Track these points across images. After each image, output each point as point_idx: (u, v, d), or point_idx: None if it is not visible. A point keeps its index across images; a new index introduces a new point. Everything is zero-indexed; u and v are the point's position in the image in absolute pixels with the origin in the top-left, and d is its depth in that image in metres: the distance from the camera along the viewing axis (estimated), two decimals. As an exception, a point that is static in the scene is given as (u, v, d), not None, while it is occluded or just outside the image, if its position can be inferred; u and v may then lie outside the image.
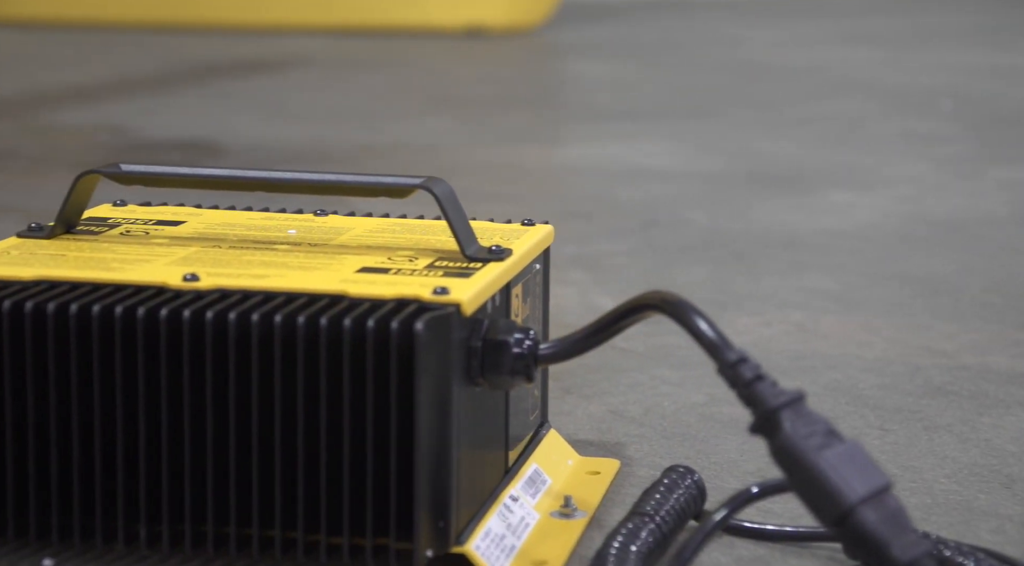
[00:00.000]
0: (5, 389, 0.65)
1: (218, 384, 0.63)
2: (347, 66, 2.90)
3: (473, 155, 1.89)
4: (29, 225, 0.75)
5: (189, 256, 0.71)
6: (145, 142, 1.92)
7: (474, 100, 2.46)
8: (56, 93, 2.42)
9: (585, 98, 2.53)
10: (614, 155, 1.87)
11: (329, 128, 2.11)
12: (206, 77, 2.69)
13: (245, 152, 1.85)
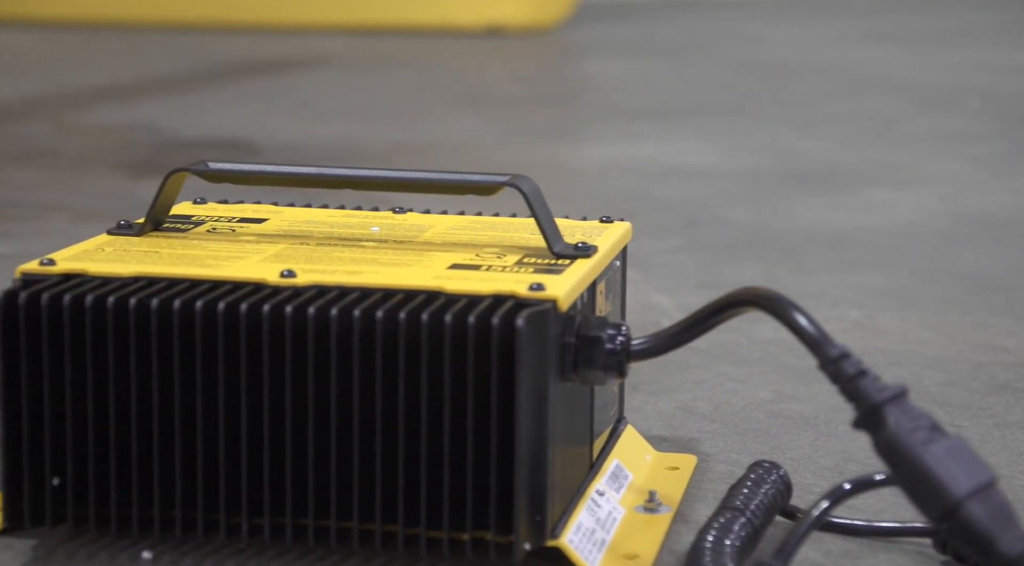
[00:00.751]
0: (109, 384, 0.66)
1: (319, 379, 0.64)
2: (371, 65, 2.90)
3: (507, 154, 1.89)
4: (118, 223, 0.76)
5: (280, 253, 0.71)
6: (182, 141, 1.93)
7: (501, 99, 2.46)
8: (87, 93, 2.43)
9: (611, 97, 2.54)
10: (648, 153, 1.87)
11: (360, 127, 2.11)
12: (232, 76, 2.70)
13: (281, 151, 1.85)
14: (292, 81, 2.65)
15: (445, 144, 1.96)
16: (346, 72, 2.80)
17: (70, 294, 0.65)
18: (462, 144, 1.96)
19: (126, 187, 1.60)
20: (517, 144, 1.99)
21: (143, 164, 1.76)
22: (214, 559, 0.67)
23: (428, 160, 1.86)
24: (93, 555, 0.68)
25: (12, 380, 0.66)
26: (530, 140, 2.04)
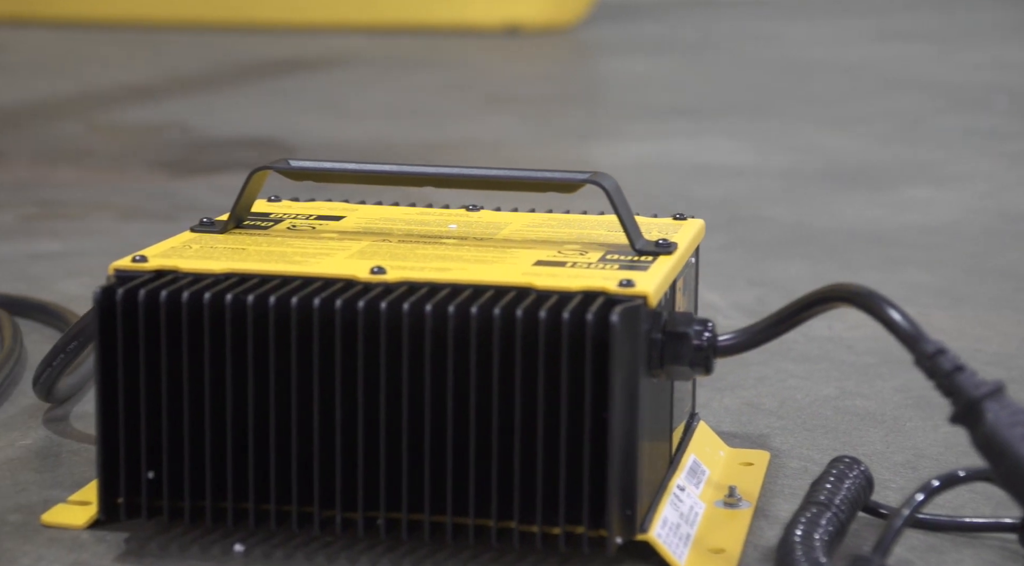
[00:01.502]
0: (204, 378, 0.66)
1: (413, 375, 0.65)
2: (393, 64, 2.91)
3: (541, 152, 1.90)
4: (201, 220, 0.77)
5: (364, 250, 0.72)
6: (215, 140, 1.93)
7: (527, 98, 2.47)
8: (115, 92, 2.44)
9: (636, 95, 2.54)
10: (681, 152, 1.88)
11: (390, 126, 2.12)
12: (255, 75, 2.70)
13: (316, 150, 1.86)
14: (316, 80, 2.66)
15: (479, 143, 1.97)
16: (369, 71, 2.81)
17: (166, 290, 0.66)
18: (495, 143, 1.97)
19: (166, 185, 1.61)
20: (550, 142, 1.99)
21: (179, 163, 1.77)
22: (304, 552, 0.68)
23: (464, 159, 1.86)
24: (185, 548, 0.69)
25: (109, 375, 0.67)
26: (562, 138, 2.04)
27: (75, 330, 0.81)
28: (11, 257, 1.26)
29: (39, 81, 2.56)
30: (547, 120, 2.21)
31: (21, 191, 1.56)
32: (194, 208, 1.47)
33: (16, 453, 0.81)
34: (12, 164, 1.73)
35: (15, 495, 0.75)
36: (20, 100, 2.31)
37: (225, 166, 1.74)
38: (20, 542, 0.69)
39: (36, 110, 2.21)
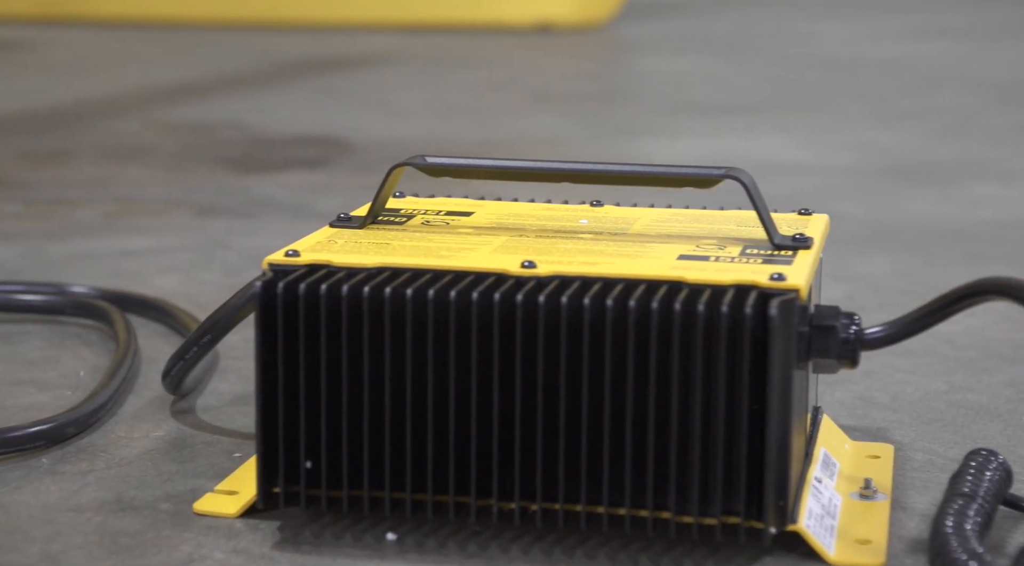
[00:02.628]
0: (363, 370, 0.67)
1: (571, 367, 0.66)
2: (430, 62, 2.92)
3: (598, 149, 1.91)
4: (338, 215, 0.78)
5: (506, 245, 0.73)
6: (273, 138, 1.95)
7: (571, 95, 2.48)
8: (164, 90, 2.45)
9: (679, 92, 2.55)
10: (739, 148, 1.89)
11: (442, 124, 2.13)
12: (298, 73, 2.72)
13: (373, 148, 1.87)
14: (358, 78, 2.67)
15: (534, 140, 1.98)
16: (408, 69, 2.82)
17: (326, 284, 0.68)
18: (551, 140, 1.98)
19: (235, 183, 1.62)
20: (604, 139, 2.00)
21: (242, 160, 1.78)
22: (456, 541, 0.69)
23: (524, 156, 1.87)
24: (338, 537, 0.70)
25: (268, 367, 0.68)
26: (615, 135, 2.05)
27: (209, 323, 0.82)
28: (102, 253, 1.27)
29: (84, 80, 2.57)
30: (595, 117, 2.22)
31: (96, 189, 1.57)
32: (270, 205, 1.49)
33: (152, 444, 0.82)
34: (80, 162, 1.75)
35: (162, 485, 0.76)
36: (72, 99, 2.32)
37: (289, 164, 1.75)
38: (178, 530, 0.71)
39: (88, 108, 2.22)
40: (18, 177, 1.64)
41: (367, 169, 1.72)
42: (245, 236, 1.35)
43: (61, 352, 0.99)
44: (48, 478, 0.77)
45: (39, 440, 0.80)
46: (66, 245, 1.30)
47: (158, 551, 0.68)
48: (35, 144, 1.87)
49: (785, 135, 1.99)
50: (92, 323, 1.05)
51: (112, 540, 0.69)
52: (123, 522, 0.72)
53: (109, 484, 0.76)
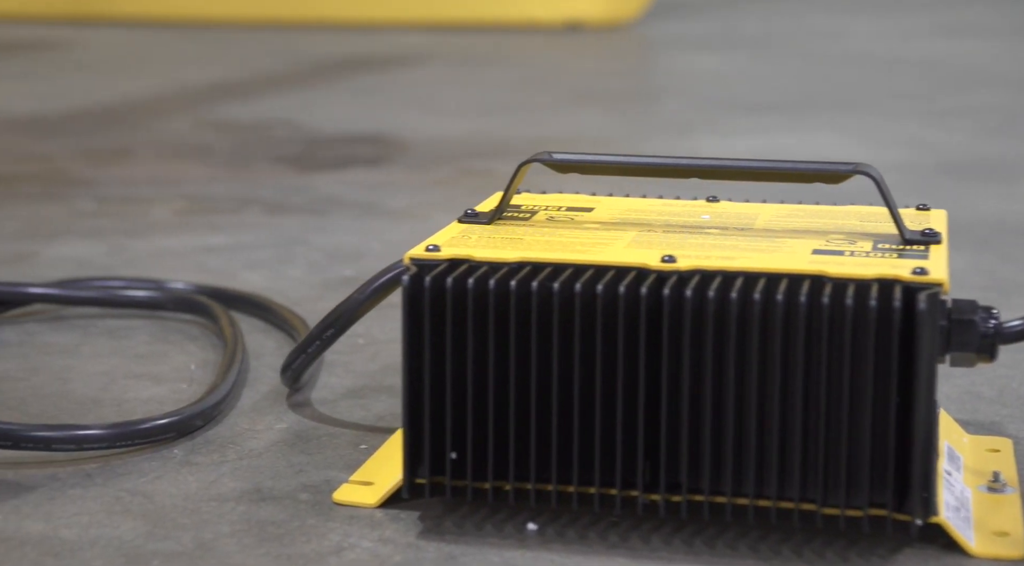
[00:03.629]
0: (509, 363, 0.69)
1: (717, 361, 0.67)
2: (465, 61, 2.93)
3: (653, 147, 1.92)
4: (465, 211, 0.79)
5: (638, 239, 0.74)
6: (327, 136, 1.96)
7: (610, 93, 2.49)
8: (208, 90, 2.46)
9: (718, 90, 2.56)
10: (789, 146, 1.90)
11: (489, 122, 2.14)
12: (337, 72, 2.73)
13: (427, 146, 1.88)
14: (396, 77, 2.68)
15: (585, 138, 1.99)
16: (444, 68, 2.83)
17: (472, 278, 0.69)
18: (602, 138, 1.99)
19: (298, 181, 1.63)
20: (655, 137, 2.01)
21: (300, 159, 1.79)
22: (595, 531, 0.71)
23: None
24: (479, 527, 0.71)
25: (415, 359, 0.70)
26: (664, 133, 2.06)
27: (332, 317, 0.84)
28: (184, 250, 1.29)
29: (127, 79, 2.58)
30: (640, 115, 2.23)
31: (163, 187, 1.59)
32: (338, 203, 1.50)
33: (278, 436, 0.84)
34: (142, 160, 1.76)
35: (296, 476, 0.78)
36: (118, 98, 2.33)
37: (347, 162, 1.76)
38: (321, 520, 0.72)
39: (137, 107, 2.24)
40: (84, 175, 1.65)
41: (425, 166, 1.73)
42: (320, 233, 1.36)
43: (167, 347, 1.00)
44: (184, 469, 0.78)
45: (169, 432, 0.81)
46: (147, 242, 1.32)
47: (307, 540, 0.70)
48: (93, 142, 1.88)
49: (834, 133, 2.00)
50: (191, 318, 1.07)
51: (260, 529, 0.71)
52: (266, 511, 0.73)
53: (245, 475, 0.78)
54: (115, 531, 0.70)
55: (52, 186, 1.58)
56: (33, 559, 0.67)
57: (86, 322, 1.06)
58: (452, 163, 1.76)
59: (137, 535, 0.70)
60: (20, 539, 0.69)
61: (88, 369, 0.95)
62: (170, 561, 0.67)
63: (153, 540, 0.69)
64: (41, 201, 1.50)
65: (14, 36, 3.29)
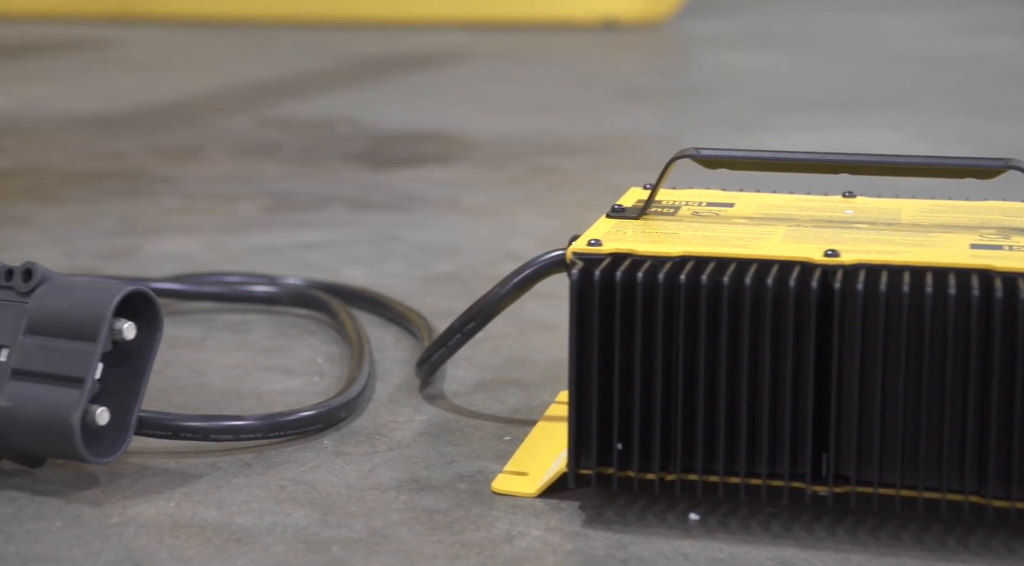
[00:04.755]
0: (677, 356, 0.70)
1: (889, 354, 0.68)
2: (508, 60, 2.95)
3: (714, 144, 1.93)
4: (612, 207, 0.81)
5: (791, 234, 0.76)
6: (391, 134, 1.97)
7: (657, 91, 2.50)
8: (263, 88, 2.48)
9: (765, 88, 2.57)
10: (848, 142, 1.91)
11: (546, 120, 2.15)
12: (386, 71, 2.74)
13: (492, 143, 1.90)
14: (444, 75, 2.70)
15: (646, 136, 2.00)
16: (488, 66, 2.85)
17: (640, 271, 0.70)
18: (662, 136, 2.00)
19: (373, 178, 1.65)
20: (714, 134, 2.02)
21: (370, 156, 1.80)
22: (757, 521, 0.72)
23: (640, 151, 1.90)
24: (641, 516, 0.73)
25: (583, 351, 0.71)
26: (722, 131, 2.07)
27: (473, 311, 0.85)
28: (282, 246, 1.30)
29: (180, 78, 2.60)
30: (692, 113, 2.24)
31: (243, 183, 1.60)
32: (420, 200, 1.51)
33: (421, 428, 0.85)
34: (214, 158, 1.78)
35: (448, 466, 0.79)
36: (177, 97, 2.35)
37: (418, 159, 1.78)
38: (485, 509, 0.74)
39: (194, 106, 2.25)
40: (162, 172, 1.67)
41: (495, 164, 1.75)
42: (410, 229, 1.38)
43: (289, 341, 1.02)
44: (339, 459, 0.80)
45: (318, 423, 0.82)
46: (243, 238, 1.33)
47: (476, 529, 0.71)
48: (162, 140, 1.90)
49: (891, 129, 2.01)
50: (305, 313, 1.08)
51: (427, 517, 0.72)
52: (429, 501, 0.74)
53: (399, 465, 0.79)
54: (288, 518, 0.72)
55: (135, 183, 1.60)
56: (216, 545, 0.69)
57: (204, 317, 1.07)
58: (520, 160, 1.77)
59: (311, 522, 0.71)
60: (199, 525, 0.71)
61: (219, 362, 0.97)
62: (348, 547, 0.69)
63: (327, 527, 0.71)
64: (128, 198, 1.51)
65: (56, 35, 3.31)
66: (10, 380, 0.73)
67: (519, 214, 1.47)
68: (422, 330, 1.00)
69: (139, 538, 0.69)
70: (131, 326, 0.74)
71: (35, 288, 0.75)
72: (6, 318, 0.75)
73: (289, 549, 0.69)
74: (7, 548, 0.68)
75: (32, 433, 0.72)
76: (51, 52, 3.00)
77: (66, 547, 0.68)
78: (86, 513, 0.72)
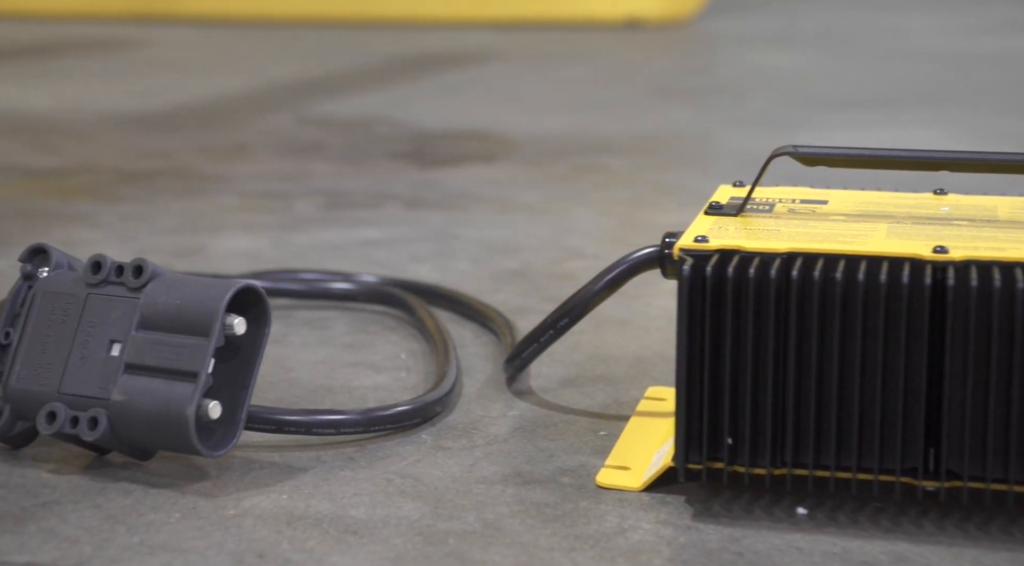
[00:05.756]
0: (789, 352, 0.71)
1: (1002, 350, 0.69)
2: (537, 58, 2.95)
3: (751, 142, 1.93)
4: (710, 204, 0.81)
5: (894, 231, 0.76)
6: (431, 133, 1.98)
7: (691, 89, 2.51)
8: (296, 87, 2.49)
9: (798, 87, 2.57)
10: (889, 141, 1.92)
11: (582, 118, 2.16)
12: (416, 69, 2.75)
13: (535, 142, 1.90)
14: (475, 74, 2.70)
15: (686, 134, 2.01)
16: (517, 65, 2.85)
17: (752, 267, 0.71)
18: (702, 134, 2.01)
19: (423, 176, 1.66)
20: (754, 133, 2.02)
21: (415, 155, 1.81)
22: (865, 515, 0.72)
23: (682, 150, 1.91)
24: (748, 510, 0.73)
25: (692, 347, 0.72)
26: (761, 129, 2.07)
27: (567, 307, 0.85)
28: (344, 243, 1.31)
29: (216, 77, 2.61)
30: (729, 111, 2.25)
31: (293, 182, 1.61)
32: (474, 198, 1.52)
33: (515, 423, 0.86)
34: (262, 156, 1.78)
35: (548, 460, 0.80)
36: (214, 96, 2.35)
37: (463, 158, 1.79)
38: (592, 502, 0.74)
39: (233, 105, 2.26)
40: (212, 171, 1.68)
41: (540, 162, 1.75)
42: (467, 227, 1.38)
43: (369, 337, 1.02)
44: (439, 453, 0.81)
45: (415, 417, 0.83)
46: (305, 235, 1.34)
47: (587, 522, 0.72)
48: (205, 139, 1.91)
49: (931, 128, 2.01)
50: (381, 309, 1.09)
51: (537, 510, 0.73)
52: (536, 494, 0.75)
53: (499, 459, 0.80)
54: (400, 511, 0.72)
55: (186, 182, 1.60)
56: (335, 536, 0.69)
57: (283, 313, 1.08)
58: (564, 159, 1.78)
59: (423, 515, 0.72)
60: (313, 517, 0.71)
61: (304, 358, 0.97)
62: (464, 540, 0.69)
63: (440, 520, 0.72)
64: (183, 196, 1.52)
65: (82, 35, 3.32)
66: (124, 374, 0.74)
67: (572, 212, 1.48)
68: (501, 327, 1.01)
69: (258, 530, 0.70)
70: (241, 321, 0.74)
71: (145, 284, 0.76)
72: (117, 313, 0.75)
73: (407, 541, 0.69)
74: (130, 538, 0.69)
75: (146, 426, 0.73)
76: (80, 51, 3.00)
77: (188, 538, 0.69)
78: (201, 505, 0.72)
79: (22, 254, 0.79)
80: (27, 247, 0.79)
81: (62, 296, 0.77)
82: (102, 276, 0.77)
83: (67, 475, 0.76)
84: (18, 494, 0.74)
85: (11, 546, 0.68)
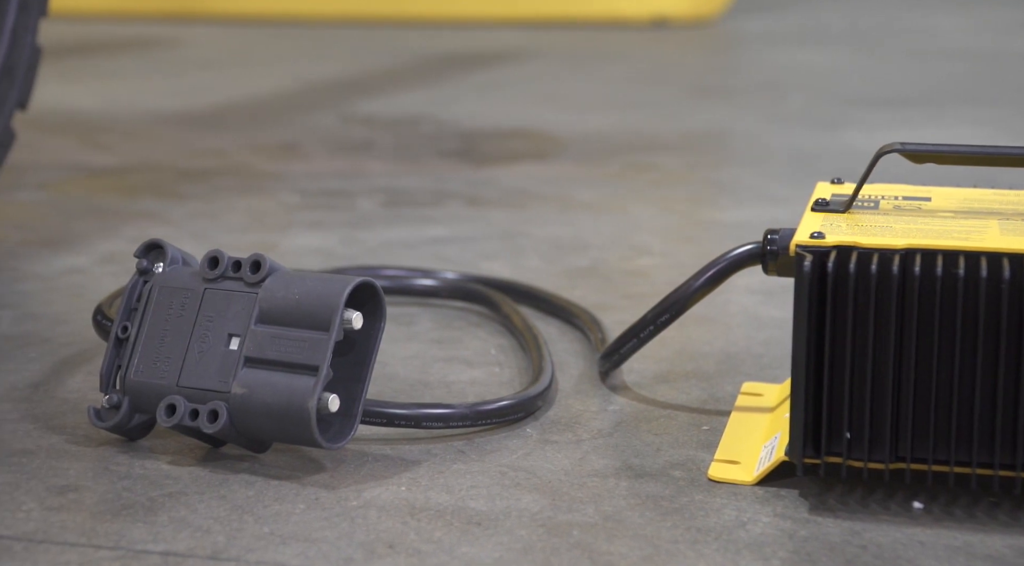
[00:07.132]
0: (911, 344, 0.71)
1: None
2: (570, 57, 2.96)
3: (801, 141, 1.93)
4: (816, 201, 0.82)
5: (1006, 227, 0.77)
6: (478, 131, 1.98)
7: (729, 88, 2.52)
8: (336, 86, 2.49)
9: (835, 85, 2.57)
10: (938, 139, 1.92)
11: (626, 116, 2.16)
12: (453, 69, 2.75)
13: (582, 141, 1.91)
14: (513, 73, 2.70)
15: (733, 132, 2.01)
16: (551, 64, 2.86)
17: (874, 264, 0.72)
18: (749, 132, 2.01)
19: (477, 175, 1.66)
20: (801, 131, 2.02)
21: (465, 153, 1.82)
22: (980, 509, 0.73)
23: (731, 148, 1.91)
24: (864, 504, 0.74)
25: (811, 342, 0.72)
26: (807, 127, 2.07)
27: (667, 303, 0.86)
28: (413, 241, 1.31)
29: (254, 76, 2.61)
30: (771, 110, 2.25)
31: (351, 180, 1.61)
32: (533, 196, 1.52)
33: (616, 417, 0.86)
34: (314, 155, 1.79)
35: (656, 454, 0.80)
36: (257, 94, 2.36)
37: (514, 156, 1.79)
38: (707, 496, 0.75)
39: (277, 103, 2.27)
40: (268, 169, 1.68)
41: (591, 161, 1.76)
42: (532, 225, 1.39)
43: (456, 333, 1.03)
44: (547, 447, 0.81)
45: (519, 412, 0.84)
46: (373, 233, 1.35)
47: (705, 515, 0.72)
48: (255, 138, 1.91)
49: (978, 126, 2.02)
50: (463, 305, 1.09)
51: (654, 503, 0.73)
52: (650, 487, 0.76)
53: (608, 453, 0.80)
54: (519, 503, 0.73)
55: (245, 180, 1.61)
56: (459, 527, 0.70)
57: (366, 309, 1.08)
58: (615, 157, 1.78)
59: (542, 507, 0.73)
60: (435, 509, 0.72)
61: (396, 353, 0.98)
62: (588, 532, 0.70)
63: (560, 512, 0.72)
64: (245, 194, 1.53)
65: (119, 34, 3.33)
66: (243, 368, 0.75)
67: (633, 209, 1.48)
68: (588, 323, 1.01)
69: (383, 520, 0.70)
70: (359, 316, 0.75)
71: (263, 279, 0.76)
72: (236, 308, 0.76)
73: (531, 533, 0.70)
74: (260, 528, 0.69)
75: (266, 419, 0.73)
76: (119, 51, 3.01)
77: (317, 528, 0.69)
78: (324, 496, 0.73)
79: (137, 250, 0.80)
80: (142, 243, 0.80)
81: (179, 291, 0.78)
82: (219, 271, 0.77)
83: (187, 467, 0.76)
84: (143, 485, 0.74)
85: (145, 535, 0.69)
